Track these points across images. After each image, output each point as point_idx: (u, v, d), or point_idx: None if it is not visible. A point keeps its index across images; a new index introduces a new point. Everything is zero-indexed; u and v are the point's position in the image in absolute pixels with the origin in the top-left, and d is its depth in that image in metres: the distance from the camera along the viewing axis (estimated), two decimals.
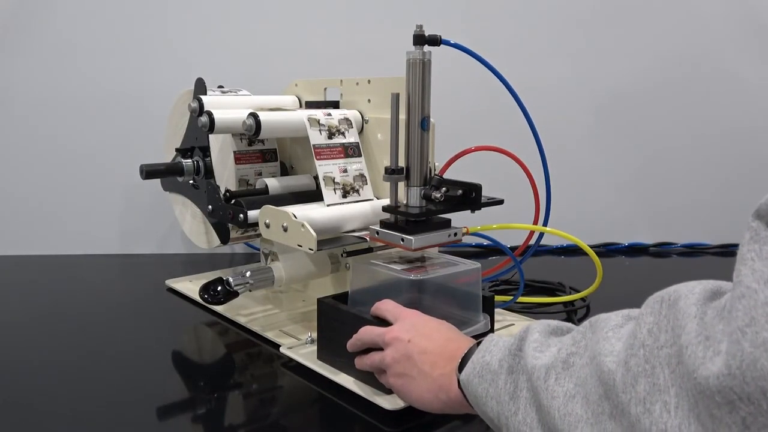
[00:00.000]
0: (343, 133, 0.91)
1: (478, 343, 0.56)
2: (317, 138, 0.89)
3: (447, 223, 0.80)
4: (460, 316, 0.77)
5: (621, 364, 0.40)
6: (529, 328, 0.51)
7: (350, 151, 0.91)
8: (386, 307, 0.69)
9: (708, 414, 0.34)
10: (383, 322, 0.68)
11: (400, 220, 0.78)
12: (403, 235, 0.75)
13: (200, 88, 1.00)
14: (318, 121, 0.90)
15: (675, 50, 1.37)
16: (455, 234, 0.80)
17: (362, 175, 0.91)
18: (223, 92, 1.02)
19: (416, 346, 0.61)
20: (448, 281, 0.77)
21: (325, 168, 0.88)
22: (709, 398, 0.34)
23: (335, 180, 0.88)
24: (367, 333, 0.67)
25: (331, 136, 0.90)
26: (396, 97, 0.77)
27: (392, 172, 0.77)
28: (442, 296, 0.75)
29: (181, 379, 0.81)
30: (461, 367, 0.55)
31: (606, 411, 0.41)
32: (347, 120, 0.93)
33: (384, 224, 0.79)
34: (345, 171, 0.89)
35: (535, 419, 0.46)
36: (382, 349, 0.65)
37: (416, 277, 0.74)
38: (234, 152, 0.98)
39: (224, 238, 1.02)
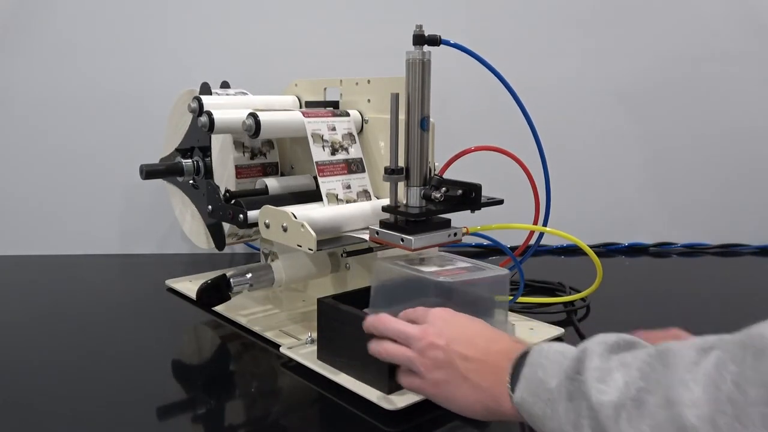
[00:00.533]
0: (346, 149, 0.91)
1: (524, 354, 0.53)
2: (320, 155, 0.88)
3: (447, 223, 0.80)
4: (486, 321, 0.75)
5: (707, 420, 0.37)
6: (587, 350, 0.48)
7: (353, 167, 0.91)
8: (413, 310, 0.65)
9: None
10: None
11: (399, 220, 0.78)
12: (403, 235, 0.75)
13: (205, 91, 1.00)
14: (321, 137, 0.89)
15: (675, 50, 1.37)
16: (455, 234, 0.80)
17: (366, 191, 0.91)
18: (227, 93, 1.02)
19: (456, 353, 0.57)
20: (476, 286, 0.74)
21: (329, 185, 0.87)
22: None
23: (338, 197, 0.88)
24: (395, 325, 0.63)
25: (334, 152, 0.90)
26: (396, 97, 0.77)
27: (392, 172, 0.77)
28: (469, 301, 0.72)
29: (181, 379, 0.81)
30: (512, 379, 0.52)
31: None
32: (350, 135, 0.92)
33: (384, 224, 0.79)
34: (348, 187, 0.89)
35: None
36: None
37: (444, 279, 0.72)
38: (235, 166, 0.97)
39: (220, 245, 1.03)
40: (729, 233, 1.41)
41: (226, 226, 0.99)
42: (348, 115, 0.95)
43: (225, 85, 1.07)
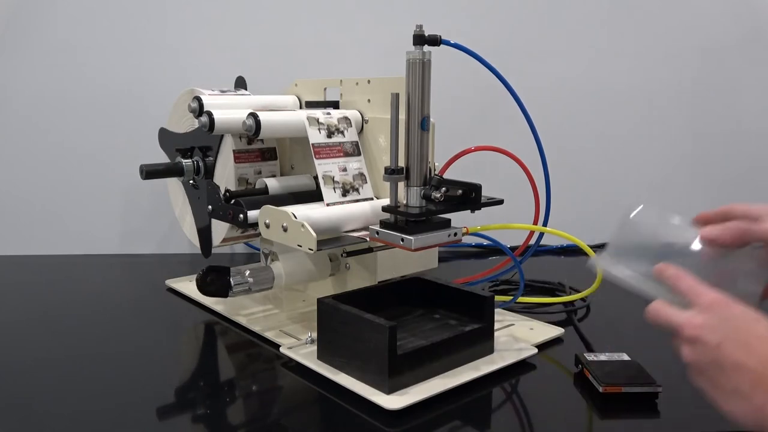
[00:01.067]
0: (342, 132, 0.91)
1: None
2: (316, 137, 0.89)
3: (447, 223, 0.80)
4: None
5: None
6: None
7: (350, 149, 0.91)
8: (678, 275, 0.55)
9: None
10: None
11: (399, 220, 0.78)
12: (403, 235, 0.75)
13: (241, 84, 1.04)
14: (317, 120, 0.90)
15: (675, 50, 1.37)
16: (455, 234, 0.80)
17: (362, 174, 0.91)
18: (227, 93, 1.02)
19: (729, 358, 0.48)
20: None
21: (325, 167, 0.88)
22: None
23: (335, 179, 0.88)
24: (665, 315, 0.54)
25: (330, 135, 0.90)
26: (396, 97, 0.77)
27: (392, 172, 0.77)
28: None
29: (181, 379, 0.81)
30: None
31: None
32: (346, 119, 0.93)
33: (384, 224, 0.79)
34: (344, 170, 0.89)
35: None
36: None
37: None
38: (233, 151, 0.98)
39: (206, 251, 1.04)
40: None
41: (223, 229, 0.99)
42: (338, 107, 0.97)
43: (240, 81, 1.07)
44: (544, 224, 0.98)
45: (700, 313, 0.51)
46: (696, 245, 0.58)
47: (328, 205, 0.86)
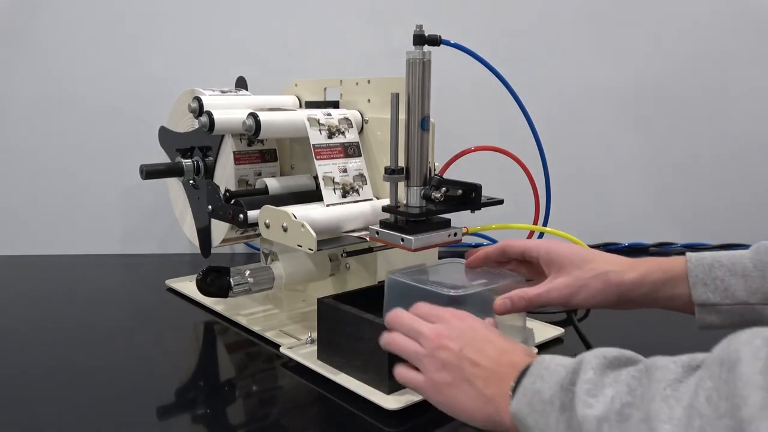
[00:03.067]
0: (343, 133, 0.91)
1: (529, 365, 0.53)
2: (317, 138, 0.89)
3: (447, 223, 0.80)
4: (502, 329, 0.71)
5: None
6: (583, 361, 0.48)
7: (350, 150, 0.91)
8: (427, 307, 0.64)
9: None
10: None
11: (400, 220, 0.78)
12: (403, 235, 0.75)
13: (242, 84, 1.04)
14: (318, 121, 0.90)
15: (676, 50, 1.37)
16: (455, 234, 0.80)
17: (362, 175, 0.91)
18: (222, 92, 1.02)
19: (467, 358, 0.56)
20: (489, 295, 0.72)
21: (325, 168, 0.88)
22: None
23: (335, 180, 0.88)
24: (409, 321, 0.62)
25: (330, 135, 0.90)
26: (396, 97, 0.77)
27: (392, 172, 0.77)
28: (483, 310, 0.69)
29: (181, 379, 0.81)
30: (514, 390, 0.52)
31: None
32: (347, 119, 0.93)
33: (384, 224, 0.79)
34: (345, 171, 0.89)
35: None
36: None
37: (455, 293, 0.70)
38: (233, 152, 0.98)
39: (206, 251, 1.04)
40: (729, 233, 1.41)
41: (223, 229, 0.99)
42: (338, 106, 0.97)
43: (241, 81, 1.07)
44: (544, 224, 0.98)
45: (443, 326, 0.60)
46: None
47: (328, 206, 0.86)
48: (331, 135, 0.90)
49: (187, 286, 1.07)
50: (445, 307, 0.64)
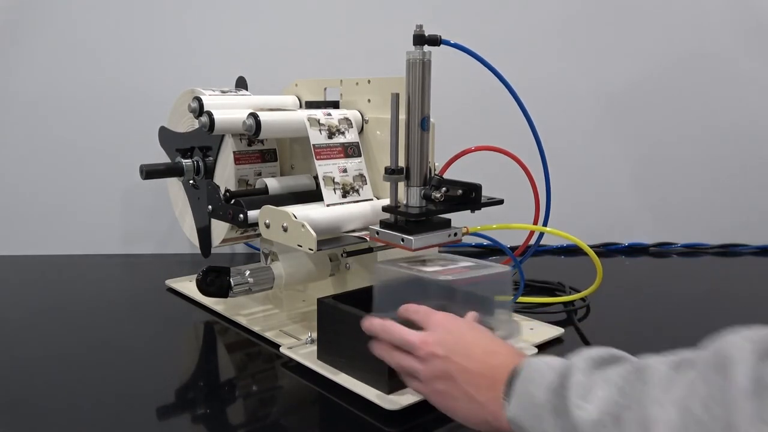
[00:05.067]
0: (343, 133, 0.91)
1: (519, 368, 0.53)
2: (317, 138, 0.89)
3: (447, 223, 0.80)
4: (488, 321, 0.73)
5: None
6: (571, 366, 0.49)
7: (350, 150, 0.91)
8: (415, 309, 0.65)
9: None
10: (411, 324, 0.65)
11: (400, 220, 0.78)
12: (403, 235, 0.75)
13: (242, 84, 1.04)
14: (318, 121, 0.90)
15: (674, 49, 1.37)
16: (455, 234, 0.80)
17: (362, 175, 0.91)
18: (222, 92, 1.02)
19: (455, 365, 0.57)
20: (477, 285, 0.74)
21: (325, 168, 0.88)
22: None
23: (335, 180, 0.88)
24: (398, 333, 0.63)
25: (331, 135, 0.90)
26: (396, 97, 0.77)
27: (392, 172, 0.77)
28: (471, 300, 0.72)
29: (181, 379, 0.81)
30: (506, 395, 0.53)
31: None
32: (347, 119, 0.93)
33: (384, 224, 0.79)
34: (345, 171, 0.89)
35: None
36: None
37: (445, 278, 0.71)
38: (234, 152, 0.98)
39: (206, 251, 1.04)
40: (729, 233, 1.41)
41: (223, 229, 0.99)
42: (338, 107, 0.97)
43: (241, 81, 1.07)
44: (544, 224, 0.98)
45: (430, 333, 0.60)
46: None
47: (328, 206, 0.86)
48: (331, 135, 0.90)
49: (187, 286, 1.07)
50: (434, 297, 0.66)
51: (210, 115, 0.90)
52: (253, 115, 0.89)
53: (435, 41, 0.76)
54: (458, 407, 0.57)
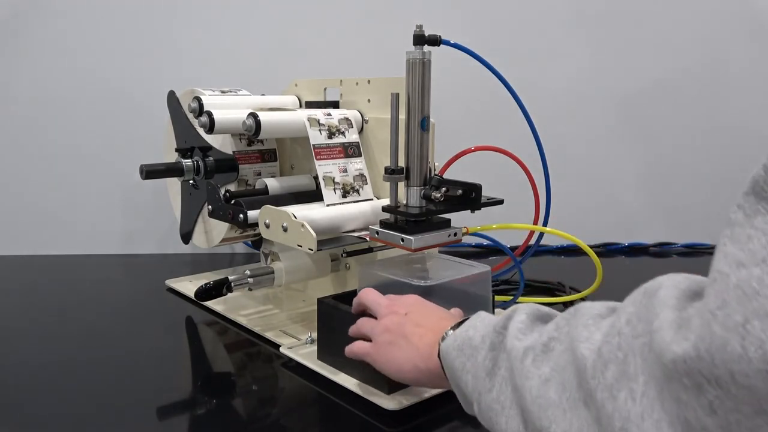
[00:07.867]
0: (343, 133, 0.91)
1: (466, 319, 0.56)
2: (317, 138, 0.89)
3: (447, 223, 0.80)
4: None
5: (594, 350, 0.40)
6: (517, 309, 0.51)
7: (350, 150, 0.91)
8: (367, 296, 0.70)
9: (674, 399, 0.34)
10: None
11: (400, 220, 0.78)
12: (403, 235, 0.75)
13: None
14: (318, 121, 0.90)
15: (676, 50, 1.37)
16: (455, 234, 0.80)
17: (362, 175, 0.91)
18: (222, 92, 1.02)
19: (411, 320, 0.62)
20: (457, 285, 0.76)
21: (325, 168, 0.88)
22: (676, 381, 0.33)
23: (335, 180, 0.88)
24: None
25: (331, 135, 0.90)
26: (396, 97, 0.77)
27: (392, 172, 0.77)
28: (452, 300, 0.73)
29: (181, 379, 0.81)
30: (445, 336, 0.56)
31: (579, 398, 0.40)
32: (347, 120, 0.93)
33: (384, 224, 0.79)
34: (345, 171, 0.89)
35: (509, 398, 0.46)
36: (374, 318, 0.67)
37: (424, 282, 0.73)
38: (233, 152, 0.98)
39: (186, 238, 1.08)
40: None
41: (224, 228, 0.99)
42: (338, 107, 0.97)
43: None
44: (544, 224, 0.98)
45: (399, 301, 0.67)
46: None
47: (328, 206, 0.86)
48: (331, 135, 0.90)
49: (187, 286, 1.07)
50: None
51: (210, 115, 0.90)
52: (253, 115, 0.89)
53: (435, 41, 0.76)
54: (396, 355, 0.61)
